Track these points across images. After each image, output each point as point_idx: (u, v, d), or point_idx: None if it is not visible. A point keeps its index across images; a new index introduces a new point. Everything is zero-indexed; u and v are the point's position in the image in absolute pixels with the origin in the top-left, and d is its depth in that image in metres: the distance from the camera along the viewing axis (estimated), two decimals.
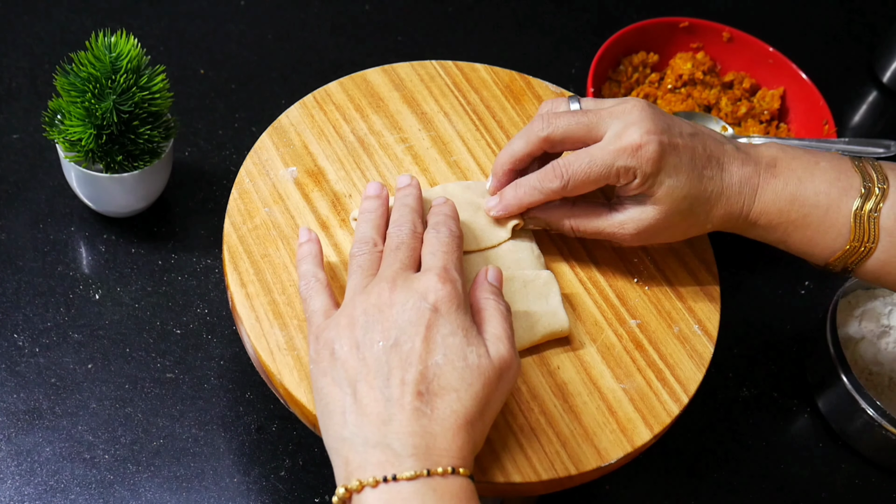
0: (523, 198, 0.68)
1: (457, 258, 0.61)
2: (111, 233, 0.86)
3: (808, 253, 0.67)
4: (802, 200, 0.65)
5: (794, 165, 0.66)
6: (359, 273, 0.61)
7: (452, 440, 0.54)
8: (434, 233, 0.62)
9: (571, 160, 0.65)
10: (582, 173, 0.65)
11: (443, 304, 0.57)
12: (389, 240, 0.62)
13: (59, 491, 0.73)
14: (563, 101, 0.69)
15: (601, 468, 0.63)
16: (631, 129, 0.64)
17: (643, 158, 0.63)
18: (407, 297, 0.57)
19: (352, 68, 0.80)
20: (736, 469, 0.82)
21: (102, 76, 0.75)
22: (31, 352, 0.79)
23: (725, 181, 0.65)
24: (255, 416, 0.78)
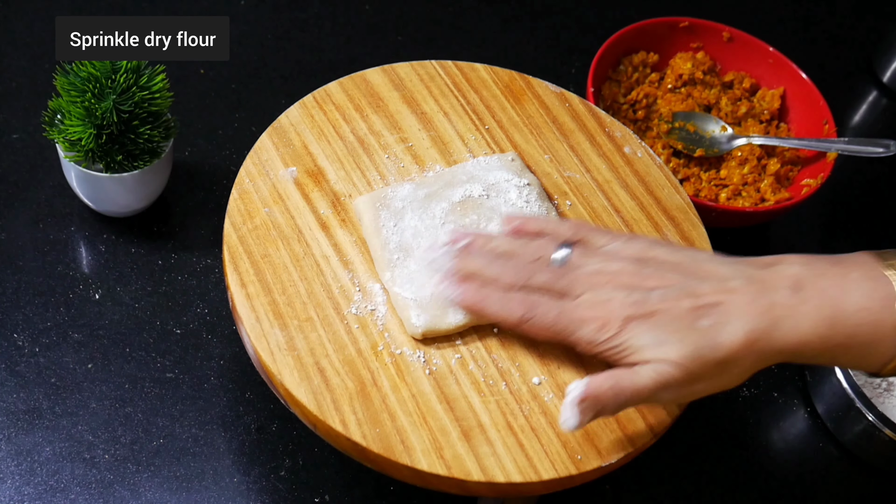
0: (483, 302, 0.65)
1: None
2: (111, 233, 0.86)
3: (863, 367, 0.62)
4: (843, 323, 0.60)
5: (822, 284, 0.61)
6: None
7: None
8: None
9: (541, 303, 0.64)
10: (545, 322, 0.63)
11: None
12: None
13: (59, 491, 0.73)
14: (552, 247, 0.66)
15: (601, 468, 0.63)
16: (598, 306, 0.62)
17: (606, 334, 0.62)
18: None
19: (352, 68, 0.80)
20: (736, 469, 0.82)
21: (102, 76, 0.75)
22: (30, 351, 0.79)
23: (735, 326, 0.60)
24: (255, 416, 0.78)
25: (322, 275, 0.68)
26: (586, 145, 0.78)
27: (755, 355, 0.60)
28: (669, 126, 0.95)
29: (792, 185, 0.94)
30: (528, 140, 0.77)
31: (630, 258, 0.64)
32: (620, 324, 0.61)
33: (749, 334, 0.60)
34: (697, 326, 0.60)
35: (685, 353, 0.60)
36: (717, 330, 0.60)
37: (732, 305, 0.61)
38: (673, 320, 0.61)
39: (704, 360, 0.60)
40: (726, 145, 0.94)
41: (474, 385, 0.65)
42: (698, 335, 0.60)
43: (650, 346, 0.61)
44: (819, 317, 0.60)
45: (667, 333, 0.61)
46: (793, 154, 0.96)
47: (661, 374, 0.60)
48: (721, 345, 0.60)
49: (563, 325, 0.63)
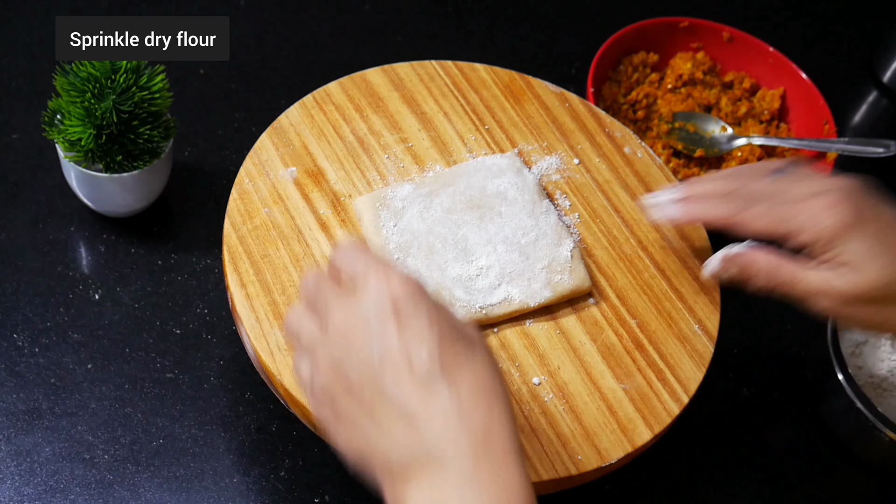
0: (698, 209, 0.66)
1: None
2: (111, 233, 0.86)
3: None
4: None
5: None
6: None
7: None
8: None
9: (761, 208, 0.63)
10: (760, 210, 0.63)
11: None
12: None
13: (58, 491, 0.73)
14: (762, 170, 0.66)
15: (601, 468, 0.63)
16: (829, 194, 0.61)
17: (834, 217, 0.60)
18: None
19: (352, 68, 0.80)
20: (735, 469, 0.82)
21: (102, 76, 0.75)
22: (30, 352, 0.79)
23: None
24: (255, 416, 0.78)
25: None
26: (586, 145, 0.78)
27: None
28: (669, 126, 0.95)
29: None
30: (528, 140, 0.77)
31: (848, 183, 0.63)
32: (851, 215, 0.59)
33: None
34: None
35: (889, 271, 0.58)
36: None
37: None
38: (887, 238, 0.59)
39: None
40: (726, 145, 0.94)
41: None
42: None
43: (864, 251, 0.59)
44: None
45: (884, 248, 0.59)
46: (793, 154, 0.96)
47: (844, 279, 0.59)
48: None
49: (780, 210, 0.62)
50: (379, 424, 0.49)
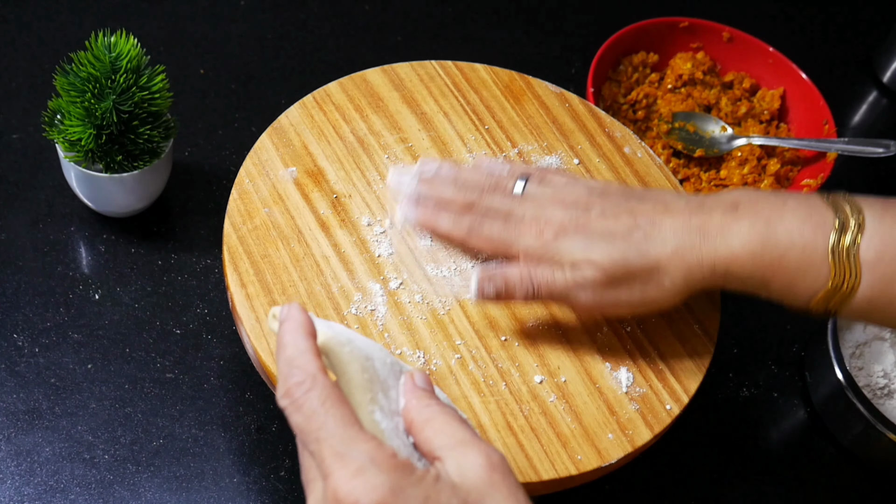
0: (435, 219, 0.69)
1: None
2: (111, 233, 0.86)
3: (788, 297, 0.62)
4: (775, 242, 0.60)
5: (759, 207, 0.62)
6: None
7: None
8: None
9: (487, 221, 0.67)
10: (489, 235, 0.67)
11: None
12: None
13: (58, 491, 0.73)
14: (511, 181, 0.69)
15: (601, 468, 0.63)
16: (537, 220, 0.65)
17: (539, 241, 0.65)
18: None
19: (352, 68, 0.80)
20: (735, 470, 0.82)
21: (102, 76, 0.75)
22: (30, 352, 0.79)
23: (666, 237, 0.62)
24: (255, 416, 0.78)
25: (322, 275, 0.68)
26: (586, 145, 0.78)
27: (683, 267, 0.62)
28: (669, 126, 0.95)
29: (792, 185, 0.94)
30: (528, 140, 0.77)
31: (581, 186, 0.67)
32: (555, 232, 0.64)
33: (677, 246, 0.62)
34: (630, 237, 0.63)
35: (609, 255, 0.62)
36: (649, 241, 0.63)
37: (667, 222, 0.63)
38: (606, 232, 0.63)
39: (627, 263, 0.62)
40: (726, 145, 0.94)
41: (474, 385, 0.65)
42: (628, 244, 0.63)
43: (578, 250, 0.63)
44: (751, 234, 0.61)
45: (597, 241, 0.63)
46: (793, 154, 0.96)
47: (580, 273, 0.63)
48: (648, 253, 0.62)
49: (505, 236, 0.66)
50: None
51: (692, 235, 0.62)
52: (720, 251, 0.61)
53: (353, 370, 0.51)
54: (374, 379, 0.52)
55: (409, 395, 0.52)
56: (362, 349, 0.53)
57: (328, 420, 0.47)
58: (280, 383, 0.49)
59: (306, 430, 0.48)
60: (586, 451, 0.63)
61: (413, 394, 0.52)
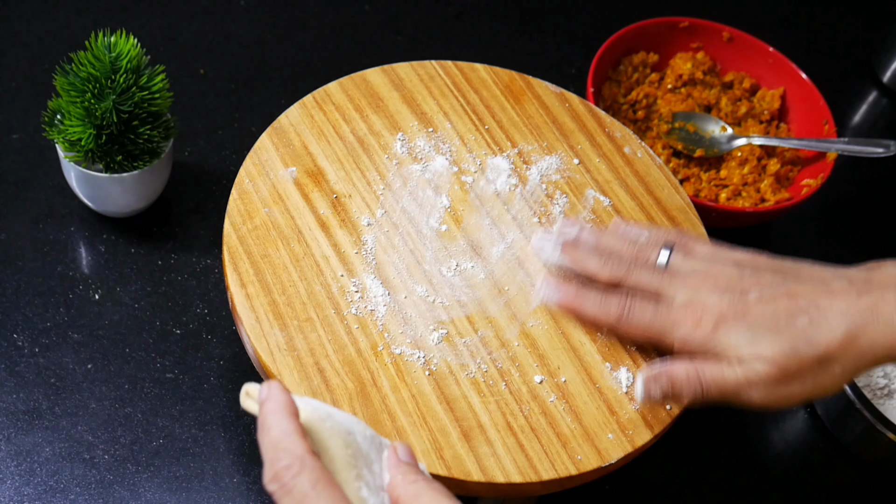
0: (580, 302, 0.66)
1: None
2: (111, 233, 0.86)
3: None
4: None
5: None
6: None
7: None
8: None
9: (637, 304, 0.65)
10: (641, 322, 0.64)
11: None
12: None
13: (58, 491, 0.73)
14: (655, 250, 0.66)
15: (601, 468, 0.63)
16: (693, 307, 0.63)
17: (700, 334, 0.62)
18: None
19: (351, 68, 0.80)
20: (735, 470, 0.82)
21: (102, 76, 0.75)
22: (30, 352, 0.79)
23: (834, 323, 0.59)
24: (256, 417, 0.78)
25: (322, 275, 0.68)
26: (586, 145, 0.78)
27: (856, 354, 0.59)
28: (669, 126, 0.95)
29: (792, 185, 0.94)
30: (528, 140, 0.77)
31: (730, 262, 0.64)
32: (714, 322, 0.61)
33: (848, 331, 0.59)
34: (794, 324, 0.60)
35: (779, 349, 0.60)
36: (816, 328, 0.59)
37: (833, 305, 0.60)
38: (768, 319, 0.60)
39: (800, 356, 0.59)
40: (726, 145, 0.94)
41: (474, 385, 0.65)
42: (795, 333, 0.60)
43: (743, 344, 0.60)
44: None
45: (762, 331, 0.60)
46: (793, 154, 0.96)
47: (751, 370, 0.60)
48: (818, 342, 0.59)
49: (658, 325, 0.64)
50: None
51: (861, 318, 0.59)
52: (891, 333, 0.58)
53: (336, 446, 0.50)
54: (357, 454, 0.50)
55: (393, 470, 0.51)
56: (342, 423, 0.51)
57: (320, 503, 0.47)
58: (267, 467, 0.48)
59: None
60: (586, 451, 0.63)
61: (398, 469, 0.51)
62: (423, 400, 0.64)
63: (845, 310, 0.59)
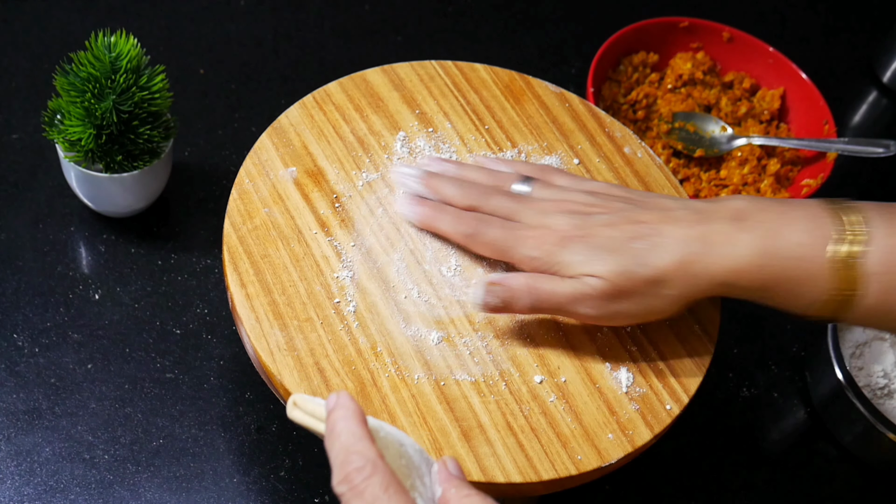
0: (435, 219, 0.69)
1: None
2: (111, 233, 0.86)
3: (790, 306, 0.63)
4: (779, 254, 0.60)
5: (762, 217, 0.62)
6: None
7: None
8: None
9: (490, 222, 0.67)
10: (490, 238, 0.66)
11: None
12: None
13: (58, 491, 0.73)
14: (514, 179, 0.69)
15: (601, 468, 0.63)
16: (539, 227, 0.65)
17: (542, 251, 0.64)
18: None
19: (351, 68, 0.80)
20: (735, 470, 0.82)
21: (102, 76, 0.75)
22: (30, 352, 0.79)
23: (669, 247, 0.62)
24: (255, 416, 0.78)
25: (322, 275, 0.68)
26: (586, 145, 0.78)
27: (687, 278, 0.62)
28: (669, 126, 0.95)
29: (792, 185, 0.94)
30: (528, 140, 0.77)
31: (584, 191, 0.67)
32: (557, 242, 0.64)
33: (682, 257, 0.61)
34: (631, 247, 0.62)
35: (612, 267, 0.62)
36: (651, 251, 0.62)
37: (672, 231, 0.62)
38: (608, 241, 0.63)
39: (631, 275, 0.62)
40: (726, 145, 0.94)
41: (474, 385, 0.65)
42: (630, 254, 0.62)
43: (581, 262, 0.63)
44: (755, 245, 0.61)
45: (599, 252, 0.63)
46: (793, 154, 0.96)
47: (584, 284, 0.63)
48: (651, 263, 0.62)
49: (505, 242, 0.66)
50: None
51: (696, 245, 0.61)
52: (724, 263, 0.61)
53: (391, 456, 0.50)
54: (410, 465, 0.51)
55: (446, 484, 0.51)
56: (394, 435, 0.52)
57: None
58: (337, 470, 0.48)
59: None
60: (586, 451, 0.63)
61: (450, 483, 0.51)
62: (423, 400, 0.64)
63: (681, 236, 0.62)
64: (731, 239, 0.61)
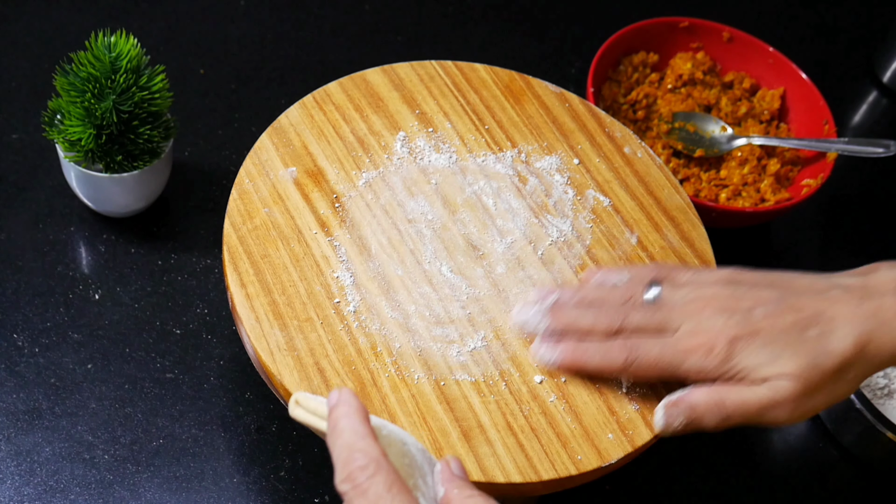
0: (582, 357, 0.64)
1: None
2: (111, 233, 0.86)
3: None
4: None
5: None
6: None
7: None
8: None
9: (641, 343, 0.63)
10: (649, 361, 0.63)
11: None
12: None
13: (58, 491, 0.73)
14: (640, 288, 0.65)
15: (601, 468, 0.63)
16: (700, 333, 0.62)
17: (715, 360, 0.61)
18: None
19: (351, 68, 0.80)
20: (735, 470, 0.82)
21: (102, 76, 0.75)
22: (30, 352, 0.79)
23: (843, 331, 0.60)
24: (255, 416, 0.78)
25: (322, 275, 0.68)
26: (586, 145, 0.78)
27: (866, 360, 0.60)
28: (669, 126, 0.95)
29: (792, 185, 0.94)
30: (528, 140, 0.77)
31: (719, 282, 0.64)
32: (727, 346, 0.61)
33: (859, 338, 0.60)
34: (806, 337, 0.60)
35: (801, 364, 0.60)
36: (827, 338, 0.60)
37: (837, 313, 0.61)
38: (780, 335, 0.60)
39: (821, 369, 0.60)
40: (726, 145, 0.94)
41: (474, 385, 0.65)
42: (810, 346, 0.60)
43: (764, 363, 0.60)
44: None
45: (778, 348, 0.60)
46: (793, 154, 0.96)
47: (778, 389, 0.60)
48: (833, 351, 0.60)
49: (667, 359, 0.62)
50: None
51: (868, 324, 0.60)
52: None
53: (394, 455, 0.50)
54: (413, 464, 0.51)
55: (448, 484, 0.50)
56: (397, 434, 0.51)
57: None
58: (340, 468, 0.48)
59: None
60: (586, 451, 0.63)
61: (453, 483, 0.50)
62: (423, 400, 0.64)
63: (850, 318, 0.60)
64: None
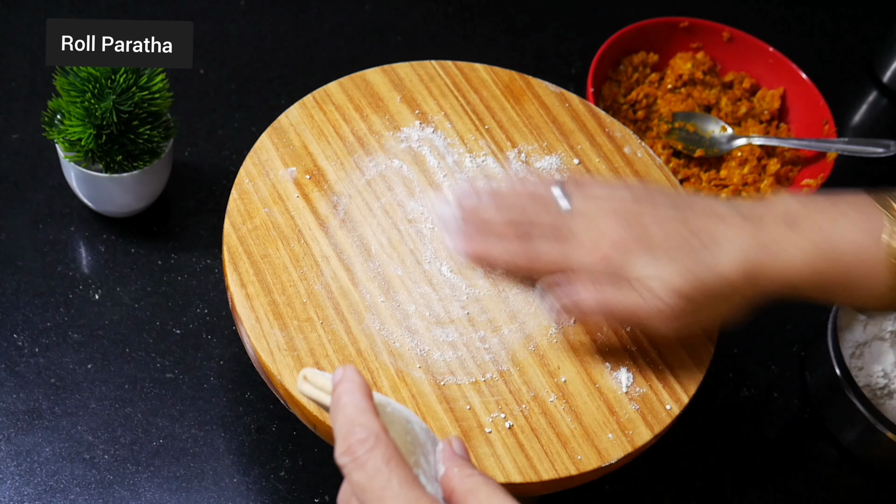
0: (487, 249, 0.68)
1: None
2: (111, 233, 0.86)
3: (855, 302, 0.63)
4: (836, 254, 0.61)
5: (815, 218, 0.62)
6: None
7: None
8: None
9: (542, 243, 0.66)
10: (549, 257, 0.66)
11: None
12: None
13: (58, 491, 0.73)
14: (548, 191, 0.68)
15: (601, 468, 0.63)
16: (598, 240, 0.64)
17: (608, 266, 0.64)
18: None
19: (351, 68, 0.80)
20: (735, 470, 0.82)
21: (102, 76, 0.75)
22: (30, 352, 0.79)
23: (730, 252, 0.62)
24: (255, 416, 0.78)
25: (322, 275, 0.68)
26: (586, 145, 0.78)
27: (753, 286, 0.62)
28: (669, 126, 0.95)
29: (792, 185, 0.94)
30: (528, 140, 0.77)
31: (627, 199, 0.67)
32: (621, 255, 0.63)
33: (745, 262, 0.61)
34: (695, 254, 0.62)
35: (686, 278, 0.62)
36: (715, 257, 0.62)
37: (729, 236, 0.62)
38: (671, 249, 0.63)
39: (704, 285, 0.62)
40: (726, 145, 0.94)
41: (474, 385, 0.65)
42: (696, 261, 0.62)
43: (651, 275, 0.62)
44: (812, 249, 0.61)
45: (667, 261, 0.62)
46: (793, 154, 0.96)
47: (662, 298, 0.62)
48: (718, 268, 0.62)
49: (560, 253, 0.65)
50: None
51: (755, 250, 0.61)
52: (784, 268, 0.61)
53: (397, 432, 0.51)
54: (415, 442, 0.51)
55: (449, 462, 0.51)
56: (401, 411, 0.52)
57: (392, 479, 0.47)
58: (340, 441, 0.48)
59: (368, 488, 0.47)
60: (586, 451, 0.63)
61: (454, 462, 0.51)
62: (423, 400, 0.64)
63: (740, 242, 0.62)
64: (788, 244, 0.61)
